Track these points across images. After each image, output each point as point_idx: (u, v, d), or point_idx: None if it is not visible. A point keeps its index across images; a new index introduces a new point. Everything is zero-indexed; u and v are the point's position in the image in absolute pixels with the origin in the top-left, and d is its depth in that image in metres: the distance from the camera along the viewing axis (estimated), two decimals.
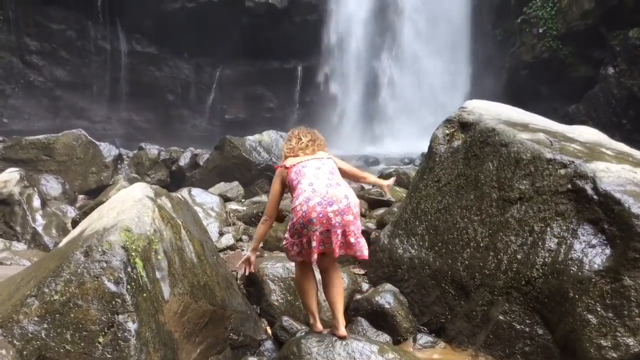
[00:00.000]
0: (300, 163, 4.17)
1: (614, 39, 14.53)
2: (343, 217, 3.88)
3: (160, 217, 3.93)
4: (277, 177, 4.32)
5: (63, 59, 25.03)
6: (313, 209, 3.85)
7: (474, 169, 5.10)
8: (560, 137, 5.04)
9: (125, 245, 3.52)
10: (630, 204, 3.77)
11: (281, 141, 12.58)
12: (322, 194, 3.90)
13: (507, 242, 4.50)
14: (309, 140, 4.35)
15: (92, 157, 11.89)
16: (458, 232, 4.93)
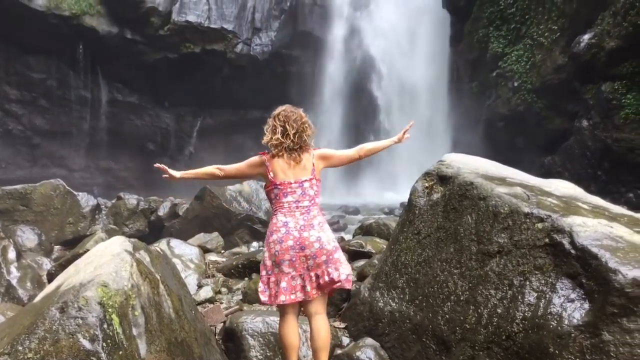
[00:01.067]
0: (282, 185, 4.12)
1: (587, 93, 14.91)
2: (316, 260, 3.94)
3: (139, 271, 3.89)
4: (255, 160, 4.26)
5: (43, 107, 25.04)
6: (286, 252, 3.92)
7: (453, 222, 5.13)
8: (537, 190, 5.11)
9: (102, 301, 3.46)
10: (607, 259, 3.81)
11: (261, 191, 12.60)
12: (295, 238, 3.95)
13: (487, 295, 4.49)
14: (295, 134, 4.09)
15: (70, 207, 11.77)
16: (438, 286, 4.92)
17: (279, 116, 4.15)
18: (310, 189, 4.13)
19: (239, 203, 12.01)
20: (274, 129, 4.13)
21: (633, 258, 3.80)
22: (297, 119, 4.14)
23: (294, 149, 4.09)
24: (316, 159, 4.19)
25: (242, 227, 11.74)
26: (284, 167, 4.10)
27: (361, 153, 4.42)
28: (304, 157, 4.14)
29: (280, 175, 4.10)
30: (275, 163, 4.11)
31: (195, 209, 12.25)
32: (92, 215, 12.05)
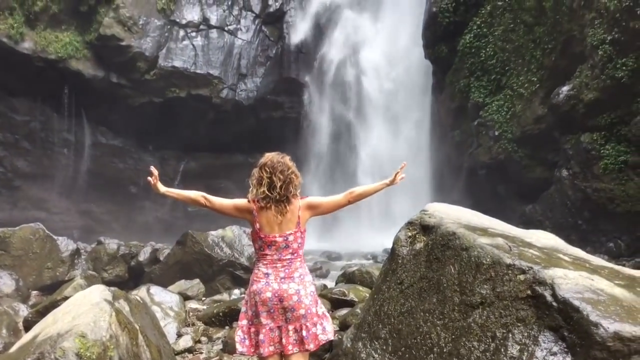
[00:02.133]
0: (266, 238, 4.11)
1: (567, 143, 15.19)
2: (294, 313, 3.93)
3: (118, 321, 3.83)
4: (242, 205, 4.19)
5: (25, 149, 24.91)
6: (265, 303, 3.93)
7: (436, 272, 5.13)
8: (518, 241, 5.15)
9: (79, 352, 3.40)
10: (589, 312, 3.83)
11: (244, 237, 12.54)
12: (273, 290, 3.95)
13: (470, 347, 4.47)
14: (282, 186, 4.04)
15: (49, 252, 11.62)
16: (421, 337, 4.89)
17: (265, 167, 4.10)
18: (295, 242, 4.13)
19: (221, 249, 11.93)
20: (260, 180, 4.09)
21: (614, 311, 3.82)
22: (284, 169, 4.09)
23: (280, 200, 4.06)
24: (302, 209, 4.18)
25: (223, 273, 11.64)
26: (271, 220, 4.07)
27: (350, 198, 4.39)
28: (290, 208, 4.11)
29: (266, 229, 4.09)
30: (262, 215, 4.09)
31: (177, 254, 12.14)
32: (71, 260, 11.88)
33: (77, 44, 24.43)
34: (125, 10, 24.81)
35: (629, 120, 13.47)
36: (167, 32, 26.24)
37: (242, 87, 27.65)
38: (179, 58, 26.26)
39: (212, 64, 26.95)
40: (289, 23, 28.15)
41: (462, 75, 19.56)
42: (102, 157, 26.50)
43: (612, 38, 13.45)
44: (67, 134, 25.69)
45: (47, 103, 24.99)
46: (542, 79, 16.47)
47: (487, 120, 18.41)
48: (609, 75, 13.55)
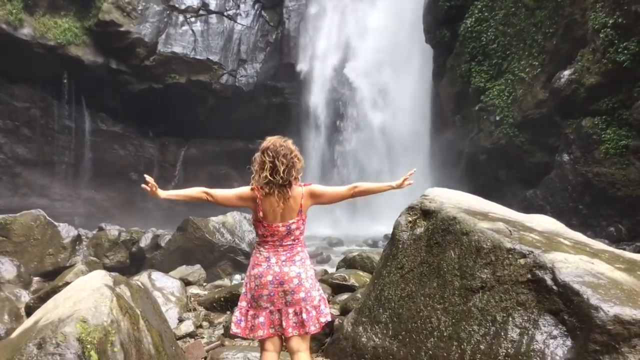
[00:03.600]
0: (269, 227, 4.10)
1: (568, 128, 15.14)
2: (294, 296, 3.95)
3: (119, 306, 3.84)
4: (246, 194, 4.13)
5: (25, 136, 24.89)
6: (265, 286, 3.95)
7: (436, 256, 5.14)
8: (519, 226, 5.15)
9: (81, 337, 3.41)
10: (589, 296, 3.83)
11: (245, 222, 12.55)
12: (275, 273, 3.97)
13: (470, 331, 4.49)
14: (285, 170, 3.99)
15: (50, 238, 11.62)
16: (422, 321, 4.90)
17: (267, 151, 4.04)
18: (297, 229, 4.14)
19: (222, 234, 11.95)
20: (263, 164, 4.03)
21: (614, 295, 3.83)
22: (287, 153, 4.03)
23: (283, 185, 4.03)
24: (305, 197, 4.14)
25: (224, 259, 11.66)
26: (274, 207, 4.04)
27: (354, 192, 4.31)
28: (293, 194, 4.08)
29: (270, 217, 4.08)
30: (266, 202, 4.05)
31: (178, 240, 12.16)
32: (72, 246, 11.89)
33: (76, 30, 24.33)
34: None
35: (630, 104, 13.42)
36: (167, 17, 26.11)
37: (242, 73, 27.56)
38: (178, 44, 26.15)
39: (212, 50, 26.84)
40: (289, 8, 27.98)
41: (463, 60, 19.47)
42: (103, 144, 26.48)
43: (613, 22, 13.36)
44: (67, 121, 25.66)
45: (47, 90, 24.93)
46: (543, 63, 16.39)
47: (488, 105, 18.34)
48: (611, 60, 13.48)
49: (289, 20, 27.91)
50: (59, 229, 11.89)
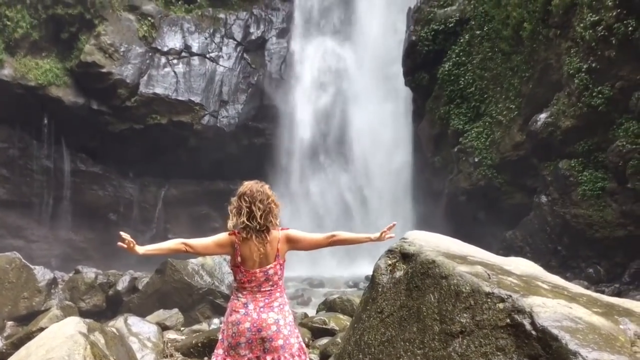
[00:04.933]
0: (247, 272, 4.07)
1: (545, 169, 15.37)
2: (272, 343, 3.90)
3: (92, 354, 3.75)
4: (223, 240, 4.12)
5: (3, 177, 24.60)
6: (243, 334, 3.90)
7: (416, 300, 5.11)
8: (497, 269, 5.16)
9: None
10: (567, 341, 3.83)
11: (224, 264, 12.43)
12: (253, 320, 3.92)
13: None
14: (262, 215, 4.00)
15: (25, 282, 11.41)
16: None
17: (244, 196, 4.06)
18: (275, 274, 4.12)
19: (201, 277, 11.81)
20: (239, 210, 4.04)
21: (592, 340, 3.82)
22: (264, 199, 4.05)
23: (261, 230, 4.02)
24: (282, 242, 4.14)
25: (203, 302, 11.51)
26: (252, 252, 4.03)
27: (331, 241, 4.35)
28: (270, 239, 4.08)
29: (248, 263, 4.06)
30: (244, 247, 4.05)
31: (156, 283, 11.99)
32: (48, 289, 11.66)
33: (57, 70, 24.35)
34: (107, 37, 24.83)
35: (606, 147, 13.69)
36: (149, 59, 26.25)
37: (223, 114, 27.65)
38: (160, 85, 26.24)
39: (194, 91, 26.97)
40: (271, 50, 28.33)
41: (441, 102, 19.78)
42: (82, 184, 26.23)
43: (588, 67, 13.72)
44: (46, 161, 25.45)
45: (26, 130, 24.77)
46: (520, 107, 16.72)
47: (467, 147, 18.58)
48: (586, 103, 13.80)
49: (271, 63, 28.24)
50: (34, 272, 11.67)
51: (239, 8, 28.37)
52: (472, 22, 18.84)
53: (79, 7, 24.59)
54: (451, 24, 19.51)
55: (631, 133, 13.02)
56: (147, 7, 26.27)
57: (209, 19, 27.97)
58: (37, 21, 24.28)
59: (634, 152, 12.92)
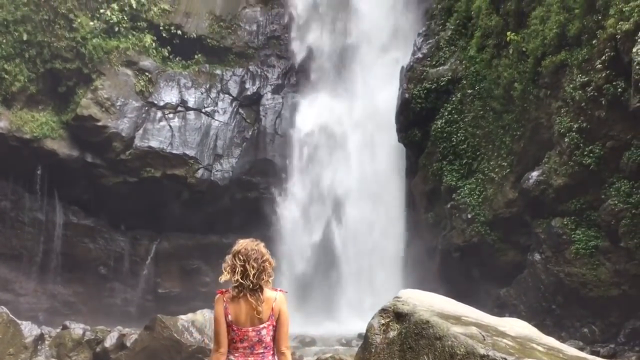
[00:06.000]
0: (239, 331, 4.02)
1: (538, 227, 15.41)
2: None
3: None
4: (218, 304, 4.09)
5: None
6: None
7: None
8: (492, 330, 5.11)
9: None
10: None
11: None
12: None
13: None
14: (255, 274, 3.97)
15: (12, 337, 11.20)
16: None
17: (238, 254, 4.04)
18: (267, 335, 4.06)
19: (191, 334, 11.61)
20: (233, 268, 4.02)
21: None
22: (258, 257, 4.03)
23: (254, 289, 4.00)
24: (277, 303, 4.11)
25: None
26: (244, 311, 4.00)
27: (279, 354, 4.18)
28: (266, 298, 4.05)
29: (240, 321, 4.02)
30: (235, 306, 4.02)
31: (144, 340, 11.77)
32: (34, 346, 11.43)
33: (53, 123, 24.53)
34: (104, 91, 25.13)
35: (598, 205, 13.77)
36: (145, 113, 26.50)
37: (217, 168, 27.75)
38: (155, 138, 26.40)
39: (189, 145, 27.12)
40: (266, 106, 28.68)
41: (434, 158, 19.94)
42: (73, 237, 26.02)
43: (578, 126, 13.93)
44: (38, 214, 25.31)
45: (19, 182, 24.73)
46: (512, 164, 16.87)
47: (460, 203, 18.63)
48: (577, 162, 13.95)
49: (266, 118, 28.53)
50: (21, 327, 11.47)
51: (235, 64, 28.85)
52: (464, 81, 19.19)
53: (77, 61, 24.99)
54: (443, 83, 19.86)
55: (623, 192, 13.12)
56: (145, 62, 26.68)
57: (205, 74, 28.38)
58: (35, 75, 24.61)
59: (626, 211, 12.99)
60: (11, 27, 23.88)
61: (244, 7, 29.10)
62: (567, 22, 14.49)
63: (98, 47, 25.10)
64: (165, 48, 27.27)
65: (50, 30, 24.66)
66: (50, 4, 24.50)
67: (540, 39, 15.30)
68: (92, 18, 25.32)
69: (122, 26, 26.00)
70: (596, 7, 13.57)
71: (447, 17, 20.88)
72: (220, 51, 28.51)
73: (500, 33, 17.59)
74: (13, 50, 23.99)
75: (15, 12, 23.90)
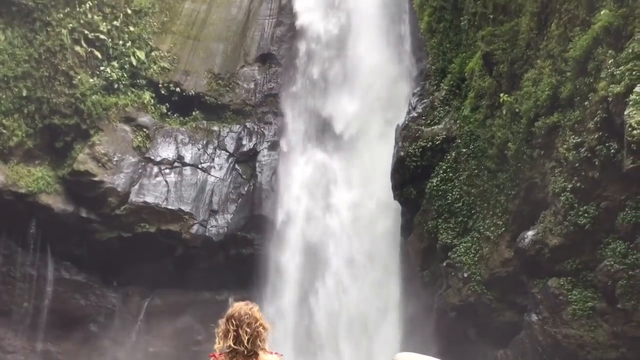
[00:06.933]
0: None
1: (534, 287, 15.27)
2: None
3: None
4: None
5: None
6: None
7: None
8: None
9: None
10: None
11: None
12: None
13: None
14: (249, 340, 3.92)
15: None
16: None
17: (232, 319, 3.98)
18: None
19: None
20: (226, 333, 3.97)
21: None
22: (251, 322, 3.98)
23: (248, 355, 3.93)
24: None
25: None
26: None
27: None
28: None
29: None
30: None
31: None
32: None
33: (49, 178, 24.57)
34: (101, 147, 25.29)
35: (594, 266, 13.70)
36: (141, 168, 26.60)
37: (212, 223, 27.67)
38: (151, 194, 26.42)
39: (184, 200, 27.12)
40: (262, 162, 28.83)
41: (430, 216, 19.94)
42: (64, 293, 25.68)
43: (572, 186, 13.97)
44: (30, 269, 25.04)
45: (12, 237, 24.59)
46: (507, 223, 16.86)
47: (455, 262, 18.53)
48: (572, 222, 13.94)
49: (262, 174, 28.64)
50: None
51: (232, 121, 29.16)
52: (459, 140, 19.38)
53: (76, 117, 25.24)
54: (438, 142, 20.04)
55: (618, 253, 13.07)
56: (143, 118, 26.95)
57: (203, 130, 28.65)
58: (33, 130, 24.81)
59: (622, 272, 12.91)
60: (11, 83, 24.19)
61: (243, 65, 29.63)
62: (559, 84, 14.73)
63: (97, 103, 25.43)
64: (164, 104, 27.63)
65: (50, 86, 24.99)
66: (51, 61, 24.91)
67: (533, 100, 15.52)
68: (92, 75, 25.72)
69: (122, 83, 26.40)
70: (587, 69, 13.82)
71: (441, 77, 21.27)
72: (217, 108, 28.90)
73: (493, 94, 17.88)
74: (12, 105, 24.24)
75: (16, 68, 24.26)
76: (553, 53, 15.13)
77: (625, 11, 12.85)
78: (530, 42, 16.28)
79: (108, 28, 26.28)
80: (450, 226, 19.24)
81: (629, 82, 12.31)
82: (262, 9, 30.38)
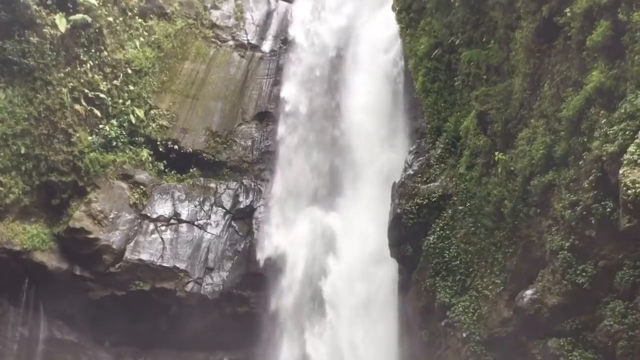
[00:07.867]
0: None
1: (534, 348, 14.96)
2: None
3: None
4: None
5: None
6: None
7: None
8: None
9: None
10: None
11: None
12: None
13: None
14: None
15: None
16: None
17: None
18: None
19: None
20: None
21: None
22: None
23: None
24: None
25: None
26: None
27: None
28: None
29: None
30: None
31: None
32: None
33: (44, 236, 24.46)
34: (98, 204, 25.31)
35: (594, 326, 13.47)
36: (137, 225, 26.55)
37: (208, 281, 27.45)
38: (146, 251, 26.28)
39: (180, 257, 26.98)
40: (258, 219, 28.81)
41: (427, 274, 19.76)
42: (55, 354, 25.16)
43: (570, 245, 13.87)
44: (22, 328, 24.61)
45: (5, 295, 24.29)
46: (505, 282, 16.69)
47: (454, 321, 18.23)
48: (570, 281, 13.79)
49: (258, 231, 28.58)
50: None
51: (229, 178, 29.33)
52: (455, 197, 19.42)
53: (73, 175, 25.35)
54: (434, 199, 20.07)
55: (618, 313, 12.87)
56: (141, 176, 27.09)
57: (199, 187, 28.77)
58: (30, 187, 24.82)
59: (622, 332, 12.68)
60: (10, 140, 24.31)
61: (240, 123, 30.06)
62: (553, 143, 14.84)
63: (95, 161, 25.60)
64: (162, 162, 27.84)
65: (49, 144, 25.16)
66: (51, 119, 25.15)
67: (528, 159, 15.61)
68: (91, 133, 26.00)
69: (120, 141, 26.66)
70: (581, 129, 13.93)
71: (436, 136, 21.51)
72: (215, 165, 29.14)
73: (488, 152, 18.01)
74: (10, 163, 24.31)
75: (15, 126, 24.41)
76: (546, 113, 15.31)
77: (616, 72, 13.04)
78: (524, 102, 16.51)
79: (108, 87, 26.72)
80: (448, 284, 19.04)
81: (623, 141, 12.39)
82: (260, 69, 31.06)
